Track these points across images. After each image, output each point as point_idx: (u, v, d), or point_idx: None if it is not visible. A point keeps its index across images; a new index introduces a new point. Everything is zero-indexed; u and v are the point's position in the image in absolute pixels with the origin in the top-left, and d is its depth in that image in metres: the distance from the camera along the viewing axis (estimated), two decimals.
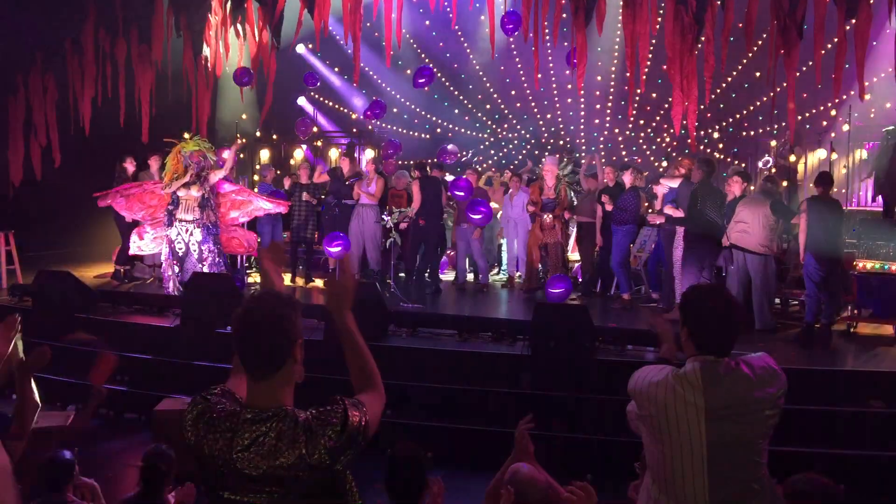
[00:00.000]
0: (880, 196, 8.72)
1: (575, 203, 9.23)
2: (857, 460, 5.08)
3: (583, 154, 12.12)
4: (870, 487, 4.80)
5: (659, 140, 13.63)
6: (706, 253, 7.09)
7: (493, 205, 9.52)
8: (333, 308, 2.01)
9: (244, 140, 9.23)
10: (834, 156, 10.96)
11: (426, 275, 9.20)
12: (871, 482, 4.86)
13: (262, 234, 9.68)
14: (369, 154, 13.65)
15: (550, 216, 8.58)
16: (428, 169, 9.57)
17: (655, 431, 2.28)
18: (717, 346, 2.27)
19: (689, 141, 7.49)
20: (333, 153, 14.72)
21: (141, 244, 8.69)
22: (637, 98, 12.06)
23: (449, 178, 10.13)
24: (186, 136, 8.35)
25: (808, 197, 7.23)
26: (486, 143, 14.67)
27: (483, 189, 9.94)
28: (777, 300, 8.09)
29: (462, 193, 8.81)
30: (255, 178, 12.89)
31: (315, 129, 13.84)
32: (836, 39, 6.78)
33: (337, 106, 15.04)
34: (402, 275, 9.85)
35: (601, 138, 14.16)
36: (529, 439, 3.03)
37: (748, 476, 2.21)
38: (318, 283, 9.53)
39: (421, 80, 10.83)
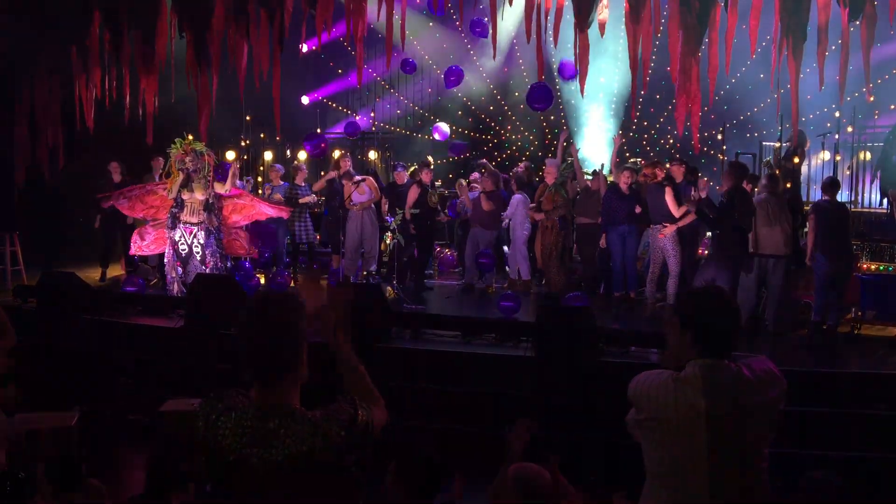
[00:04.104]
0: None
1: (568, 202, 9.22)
2: (861, 462, 5.06)
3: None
4: (875, 490, 4.78)
5: (662, 142, 13.61)
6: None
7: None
8: (327, 335, 1.97)
9: (238, 162, 9.54)
10: (838, 158, 10.93)
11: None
12: (876, 485, 4.85)
13: (266, 235, 9.70)
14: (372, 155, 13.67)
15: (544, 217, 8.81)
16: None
17: (656, 436, 2.26)
18: (718, 349, 2.26)
19: (693, 143, 7.47)
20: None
21: (142, 245, 8.70)
22: (640, 100, 12.02)
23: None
24: (176, 140, 8.36)
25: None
26: (489, 144, 14.66)
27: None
28: None
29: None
30: (259, 178, 12.89)
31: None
32: (840, 41, 6.78)
33: (342, 108, 15.04)
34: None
35: (604, 140, 14.13)
36: (520, 436, 3.04)
37: (749, 480, 2.20)
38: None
39: (452, 79, 10.59)
